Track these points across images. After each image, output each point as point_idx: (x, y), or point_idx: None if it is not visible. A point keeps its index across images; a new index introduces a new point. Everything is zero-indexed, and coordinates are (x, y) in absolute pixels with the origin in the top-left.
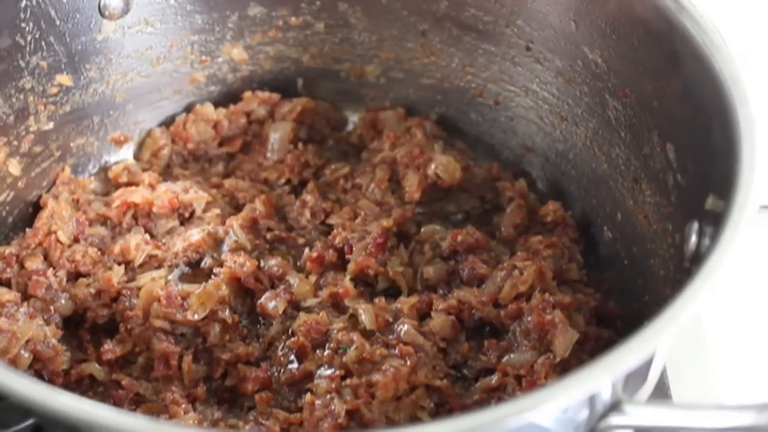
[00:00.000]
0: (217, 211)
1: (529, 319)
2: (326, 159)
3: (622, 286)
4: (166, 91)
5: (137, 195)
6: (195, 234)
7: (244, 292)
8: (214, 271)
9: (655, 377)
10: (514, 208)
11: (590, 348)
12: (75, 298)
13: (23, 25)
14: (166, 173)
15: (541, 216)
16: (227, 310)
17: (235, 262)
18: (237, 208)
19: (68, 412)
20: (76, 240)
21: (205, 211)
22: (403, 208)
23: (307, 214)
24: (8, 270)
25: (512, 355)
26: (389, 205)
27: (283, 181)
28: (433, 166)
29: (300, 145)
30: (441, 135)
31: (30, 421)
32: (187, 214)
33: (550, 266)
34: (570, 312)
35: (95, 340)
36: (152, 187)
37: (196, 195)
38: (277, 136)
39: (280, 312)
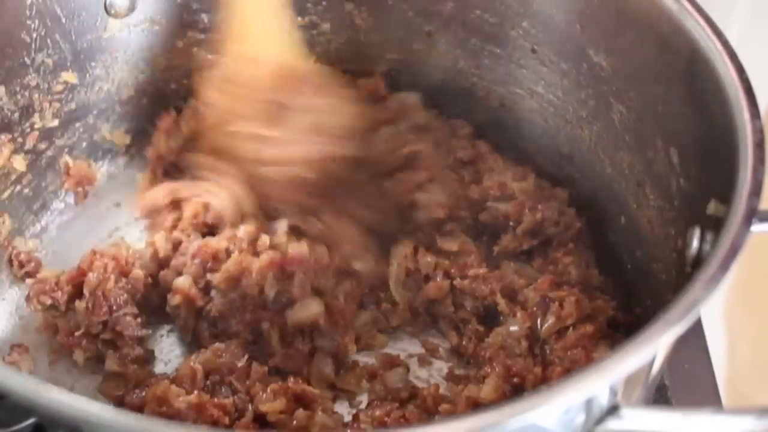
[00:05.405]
0: None
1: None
2: None
3: (625, 290)
4: None
5: None
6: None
7: None
8: None
9: (655, 381)
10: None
11: None
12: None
13: (29, 22)
14: None
15: None
16: None
17: None
18: None
19: (70, 411)
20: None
21: None
22: None
23: None
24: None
25: None
26: None
27: None
28: None
29: None
30: None
31: (31, 420)
32: None
33: (573, 274)
34: (596, 341)
35: None
36: None
37: None
38: None
39: None
